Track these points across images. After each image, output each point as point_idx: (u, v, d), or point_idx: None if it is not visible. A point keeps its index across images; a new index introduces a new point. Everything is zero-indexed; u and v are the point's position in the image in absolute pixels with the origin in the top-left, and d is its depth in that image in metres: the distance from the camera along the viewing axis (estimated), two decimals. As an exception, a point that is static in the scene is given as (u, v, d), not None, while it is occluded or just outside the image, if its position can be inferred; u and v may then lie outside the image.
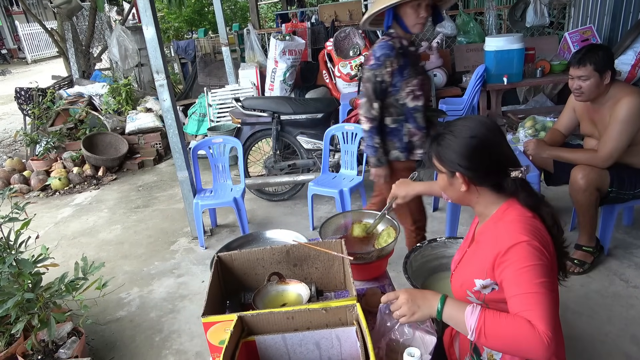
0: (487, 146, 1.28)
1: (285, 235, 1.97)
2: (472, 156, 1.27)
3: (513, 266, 1.18)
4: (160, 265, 3.46)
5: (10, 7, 20.15)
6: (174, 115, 3.39)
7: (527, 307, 1.13)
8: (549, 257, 1.20)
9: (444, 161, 1.32)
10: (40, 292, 2.24)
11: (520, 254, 1.18)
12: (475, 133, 1.28)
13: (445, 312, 1.22)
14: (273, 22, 11.34)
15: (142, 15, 3.14)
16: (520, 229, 1.22)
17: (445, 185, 1.38)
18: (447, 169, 1.33)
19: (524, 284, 1.15)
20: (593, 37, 4.96)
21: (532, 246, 1.18)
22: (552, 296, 1.14)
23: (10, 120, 9.28)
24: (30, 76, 13.57)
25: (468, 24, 5.74)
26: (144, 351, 2.62)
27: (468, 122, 1.31)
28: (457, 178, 1.32)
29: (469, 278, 1.32)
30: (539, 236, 1.21)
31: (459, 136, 1.29)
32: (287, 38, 5.25)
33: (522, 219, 1.25)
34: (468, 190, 1.32)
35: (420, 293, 1.28)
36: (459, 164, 1.29)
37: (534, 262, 1.16)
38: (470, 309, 1.18)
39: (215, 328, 1.34)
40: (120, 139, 5.78)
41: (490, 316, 1.14)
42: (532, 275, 1.15)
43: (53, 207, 4.81)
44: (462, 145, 1.28)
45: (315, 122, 4.01)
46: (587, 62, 2.46)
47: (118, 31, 6.76)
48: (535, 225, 1.25)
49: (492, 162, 1.29)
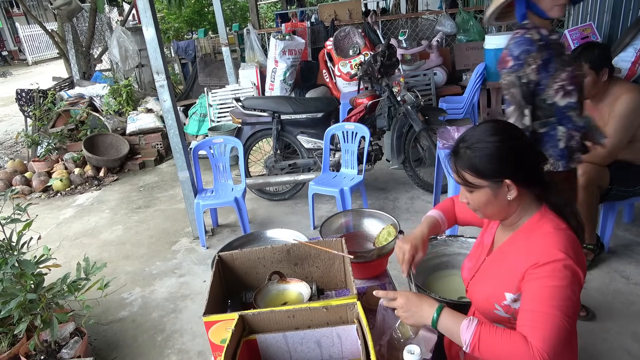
0: (519, 143, 1.24)
1: (286, 234, 1.97)
2: (512, 157, 1.21)
3: (539, 282, 1.14)
4: (161, 265, 3.47)
5: (10, 8, 20.19)
6: (174, 115, 3.40)
7: (531, 323, 1.11)
8: (581, 275, 1.15)
9: (484, 172, 1.22)
10: (42, 293, 2.25)
11: (552, 272, 1.13)
12: (500, 133, 1.22)
13: (440, 322, 1.21)
14: (273, 22, 11.35)
15: (142, 16, 3.15)
16: (558, 244, 1.17)
17: (487, 201, 1.26)
18: (490, 180, 1.22)
19: (542, 302, 1.12)
20: (593, 34, 4.95)
21: (566, 267, 1.13)
22: (566, 321, 1.10)
23: (11, 122, 9.30)
24: (31, 78, 13.60)
25: (468, 22, 5.75)
26: (146, 351, 2.63)
27: (485, 127, 1.25)
28: (503, 186, 1.22)
29: (498, 291, 1.26)
30: (575, 253, 1.16)
31: (486, 141, 1.21)
32: (287, 38, 5.26)
33: (559, 232, 1.20)
34: (518, 196, 1.24)
35: (418, 300, 1.26)
36: (504, 170, 1.21)
37: (560, 284, 1.12)
38: (466, 322, 1.16)
39: (216, 327, 1.34)
40: (121, 140, 5.79)
41: (486, 332, 1.14)
42: (553, 296, 1.11)
43: (55, 208, 4.82)
44: (496, 148, 1.20)
45: (315, 122, 4.01)
46: (583, 60, 2.47)
47: (118, 32, 6.78)
48: (572, 239, 1.19)
49: (527, 156, 1.23)
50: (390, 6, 10.95)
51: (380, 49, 3.90)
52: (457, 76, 5.43)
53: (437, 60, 5.35)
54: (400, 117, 3.86)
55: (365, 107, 3.96)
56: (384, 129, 4.02)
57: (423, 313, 1.23)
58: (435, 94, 5.16)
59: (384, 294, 1.32)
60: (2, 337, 2.41)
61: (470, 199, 1.29)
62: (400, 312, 1.27)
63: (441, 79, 5.31)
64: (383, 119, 3.95)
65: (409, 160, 3.96)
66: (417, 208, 3.84)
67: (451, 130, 3.34)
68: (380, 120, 3.98)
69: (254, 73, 5.71)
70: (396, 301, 1.28)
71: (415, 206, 3.88)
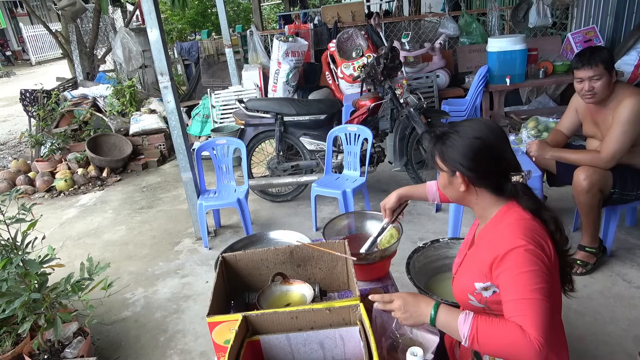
0: (489, 149, 1.29)
1: (289, 236, 1.98)
2: (473, 157, 1.29)
3: (510, 271, 1.19)
4: (164, 266, 3.49)
5: (14, 8, 20.27)
6: (178, 116, 3.41)
7: (520, 312, 1.14)
8: (548, 260, 1.21)
9: (446, 160, 1.34)
10: (46, 292, 2.26)
11: (517, 259, 1.19)
12: (479, 135, 1.29)
13: (438, 319, 1.24)
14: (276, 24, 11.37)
15: (146, 18, 3.17)
16: (518, 233, 1.22)
17: (445, 184, 1.40)
18: (449, 168, 1.34)
19: (519, 290, 1.16)
20: (596, 37, 4.96)
21: (529, 251, 1.19)
22: (548, 302, 1.15)
23: (15, 122, 9.33)
24: (34, 78, 13.65)
25: (471, 24, 5.76)
26: (149, 351, 2.64)
27: (473, 124, 1.33)
28: (457, 177, 1.33)
29: (470, 281, 1.33)
30: (536, 239, 1.22)
31: (463, 136, 1.30)
32: (290, 39, 5.27)
33: (521, 222, 1.26)
34: (467, 191, 1.34)
35: (414, 300, 1.29)
36: (460, 164, 1.30)
37: (530, 268, 1.17)
38: (463, 316, 1.19)
39: (220, 328, 1.36)
40: (124, 140, 5.81)
41: (483, 323, 1.16)
42: (528, 281, 1.16)
43: (58, 208, 4.84)
44: (465, 146, 1.29)
45: (318, 123, 4.02)
46: (598, 61, 2.43)
47: (122, 33, 6.80)
48: (533, 227, 1.25)
49: (493, 164, 1.30)
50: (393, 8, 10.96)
51: (384, 51, 3.91)
52: (460, 78, 5.44)
53: (440, 62, 5.35)
54: (402, 119, 3.86)
55: (367, 109, 3.97)
56: (386, 131, 4.02)
57: (421, 312, 1.27)
58: (437, 96, 5.16)
59: (379, 298, 1.34)
60: (6, 336, 2.43)
61: (438, 178, 1.46)
62: (398, 313, 1.30)
63: (444, 82, 5.32)
64: (386, 121, 3.96)
65: (412, 163, 3.96)
66: (419, 210, 3.84)
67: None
68: (383, 123, 3.99)
69: (256, 74, 5.72)
70: (392, 304, 1.31)
71: (417, 208, 3.89)
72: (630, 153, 2.54)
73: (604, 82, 2.47)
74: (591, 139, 2.78)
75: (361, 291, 1.66)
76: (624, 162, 2.58)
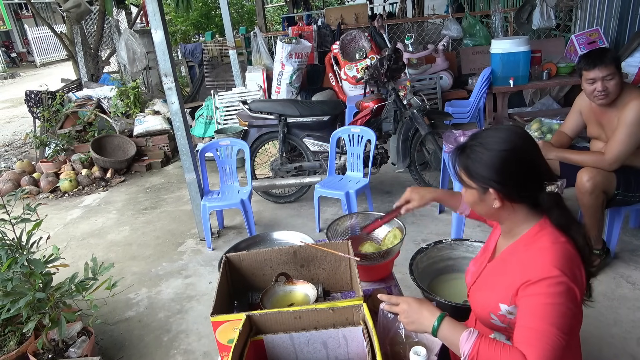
0: (521, 159, 1.19)
1: (292, 236, 1.99)
2: (506, 170, 1.19)
3: (534, 298, 1.14)
4: (168, 266, 3.50)
5: (19, 10, 20.38)
6: (182, 117, 3.43)
7: (529, 341, 1.10)
8: (578, 293, 1.14)
9: (474, 176, 1.23)
10: (51, 292, 2.28)
11: (547, 290, 1.12)
12: (508, 145, 1.19)
13: (440, 331, 1.21)
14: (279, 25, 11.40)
15: (150, 19, 3.18)
16: (553, 260, 1.15)
17: (474, 201, 1.28)
18: (478, 185, 1.23)
19: (537, 319, 1.11)
20: (600, 39, 4.95)
21: (561, 284, 1.12)
22: (563, 338, 1.09)
23: (20, 123, 9.38)
24: (39, 79, 13.72)
25: (474, 26, 5.76)
26: (152, 351, 2.65)
27: (499, 133, 1.22)
28: (489, 194, 1.23)
29: (493, 300, 1.27)
30: (571, 269, 1.15)
31: (490, 149, 1.20)
32: (293, 41, 5.29)
33: (556, 247, 1.18)
34: (502, 207, 1.24)
35: (419, 307, 1.26)
36: (492, 180, 1.20)
37: (556, 301, 1.11)
38: (466, 335, 1.16)
39: (223, 327, 1.36)
40: (128, 142, 5.83)
41: (485, 346, 1.13)
42: (550, 313, 1.11)
43: (62, 209, 4.86)
44: (495, 159, 1.19)
45: (321, 125, 4.03)
46: (610, 60, 2.43)
47: (126, 35, 6.83)
48: (569, 254, 1.17)
49: (528, 176, 1.20)
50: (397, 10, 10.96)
51: (387, 52, 3.92)
52: (463, 80, 5.44)
53: (443, 64, 5.36)
54: (406, 121, 3.87)
55: (371, 110, 3.98)
56: (389, 132, 4.03)
57: (423, 321, 1.23)
58: (441, 98, 5.16)
59: (387, 299, 1.33)
60: (10, 335, 2.44)
61: (464, 194, 1.33)
62: (402, 318, 1.28)
63: (447, 83, 5.32)
64: (389, 122, 3.96)
65: (415, 164, 3.96)
66: (422, 212, 3.84)
67: (457, 134, 3.34)
68: (386, 124, 3.99)
69: (260, 76, 5.74)
70: (398, 307, 1.29)
71: (420, 210, 3.88)
72: (634, 154, 2.54)
73: (617, 81, 2.45)
74: (595, 141, 2.78)
75: (364, 291, 1.66)
76: (628, 164, 2.57)
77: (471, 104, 4.67)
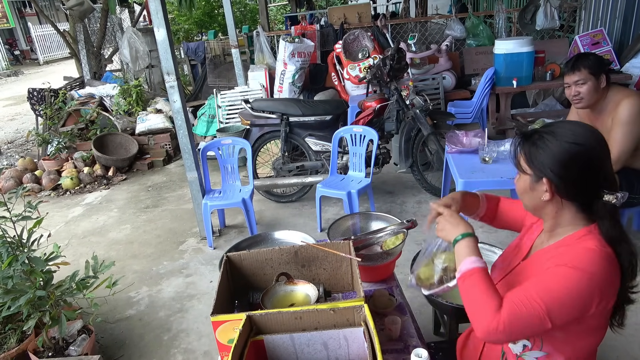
0: (589, 158, 1.13)
1: (293, 236, 1.98)
2: (569, 164, 1.13)
3: (549, 272, 1.11)
4: (169, 265, 3.49)
5: (23, 8, 20.42)
6: (184, 116, 3.42)
7: (513, 298, 1.11)
8: (597, 302, 1.09)
9: (533, 162, 1.19)
10: (51, 290, 2.27)
11: (564, 272, 1.09)
12: (581, 140, 1.14)
13: (458, 245, 1.26)
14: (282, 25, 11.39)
15: (153, 18, 3.18)
16: (593, 259, 1.10)
17: (525, 189, 1.24)
18: (534, 172, 1.19)
19: (538, 288, 1.10)
20: (604, 40, 4.93)
21: (583, 278, 1.08)
22: (545, 314, 1.07)
23: (22, 121, 9.40)
24: (42, 77, 13.74)
25: (477, 26, 5.74)
26: (152, 350, 2.64)
27: (574, 127, 1.17)
28: (542, 184, 1.18)
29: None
30: (605, 276, 1.10)
31: (560, 139, 1.15)
32: (296, 40, 5.28)
33: (603, 250, 1.12)
34: (551, 201, 1.19)
35: (455, 220, 1.31)
36: (550, 169, 1.15)
37: (563, 285, 1.08)
38: (473, 259, 1.20)
39: (224, 327, 1.35)
40: (130, 140, 5.83)
41: (477, 275, 1.17)
42: (548, 290, 1.09)
43: (64, 207, 4.86)
44: (562, 150, 1.14)
45: (323, 124, 4.02)
46: (581, 66, 2.48)
47: (129, 33, 6.84)
48: (612, 263, 1.12)
49: (589, 177, 1.14)
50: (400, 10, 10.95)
51: (390, 52, 3.91)
52: (466, 80, 5.42)
53: (446, 64, 5.34)
54: (408, 121, 3.85)
55: (373, 110, 3.97)
56: (392, 132, 4.02)
57: (454, 232, 1.29)
58: (443, 98, 5.15)
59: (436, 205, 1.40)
60: (11, 333, 2.44)
61: (516, 181, 1.29)
62: (441, 221, 1.34)
63: (450, 83, 5.31)
64: (391, 122, 3.95)
65: (417, 164, 3.95)
66: (424, 212, 3.83)
67: (459, 134, 3.33)
68: (389, 124, 3.98)
69: (263, 75, 5.73)
70: (444, 212, 1.35)
71: (422, 210, 3.87)
72: (634, 156, 2.53)
73: (589, 86, 2.49)
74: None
75: (366, 292, 1.65)
76: (629, 166, 2.56)
77: (474, 104, 4.65)
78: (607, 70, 2.51)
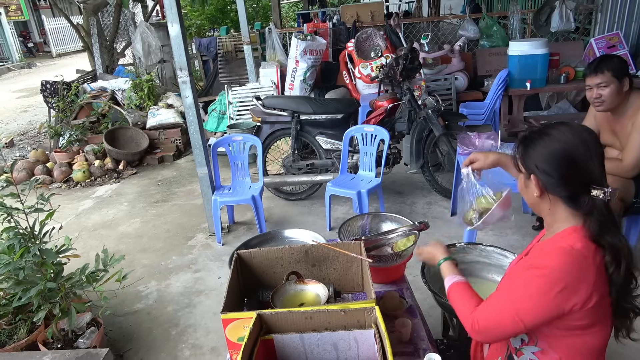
0: (571, 155, 1.19)
1: (303, 235, 1.97)
2: (551, 161, 1.21)
3: (517, 278, 1.23)
4: (177, 260, 3.51)
5: (37, 1, 20.58)
6: (195, 111, 3.43)
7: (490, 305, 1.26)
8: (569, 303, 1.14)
9: (525, 161, 1.27)
10: (61, 282, 2.29)
11: (529, 275, 1.19)
12: (564, 139, 1.20)
13: (441, 267, 1.50)
14: (294, 22, 11.38)
15: (167, 13, 3.18)
16: (554, 260, 1.16)
17: (521, 187, 1.33)
18: (526, 170, 1.27)
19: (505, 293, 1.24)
20: (620, 43, 4.86)
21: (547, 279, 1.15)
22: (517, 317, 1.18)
23: (35, 113, 9.48)
24: (55, 70, 13.85)
25: (491, 27, 5.68)
26: (160, 344, 2.65)
27: (563, 127, 1.24)
28: (531, 181, 1.26)
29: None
30: (572, 277, 1.14)
31: (547, 139, 1.23)
32: (308, 38, 5.27)
33: (568, 250, 1.16)
34: (541, 197, 1.26)
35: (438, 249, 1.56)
36: (536, 166, 1.23)
37: (534, 292, 1.17)
38: (452, 276, 1.43)
39: (234, 325, 1.35)
40: (141, 134, 5.86)
41: (457, 287, 1.38)
42: (516, 296, 1.20)
43: (74, 199, 4.90)
44: (546, 148, 1.22)
45: (334, 123, 4.01)
46: (605, 69, 2.44)
47: (142, 27, 6.86)
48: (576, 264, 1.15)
49: (573, 173, 1.20)
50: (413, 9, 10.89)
51: (403, 52, 3.88)
52: (479, 82, 5.37)
53: (459, 65, 5.30)
54: (420, 121, 3.83)
55: (385, 109, 3.95)
56: (403, 132, 3.99)
57: (438, 257, 1.53)
58: (456, 99, 5.11)
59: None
60: (21, 324, 2.46)
61: (518, 180, 1.37)
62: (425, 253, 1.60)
63: (462, 84, 5.26)
64: (403, 122, 3.93)
65: (428, 165, 3.93)
66: (434, 213, 3.81)
67: (471, 136, 3.30)
68: (400, 124, 3.96)
69: (274, 72, 5.73)
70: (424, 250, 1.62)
71: (432, 211, 3.85)
72: None
73: (612, 89, 2.45)
74: (609, 148, 2.73)
75: (376, 294, 1.64)
76: None
77: (486, 105, 4.61)
78: (629, 74, 2.47)
